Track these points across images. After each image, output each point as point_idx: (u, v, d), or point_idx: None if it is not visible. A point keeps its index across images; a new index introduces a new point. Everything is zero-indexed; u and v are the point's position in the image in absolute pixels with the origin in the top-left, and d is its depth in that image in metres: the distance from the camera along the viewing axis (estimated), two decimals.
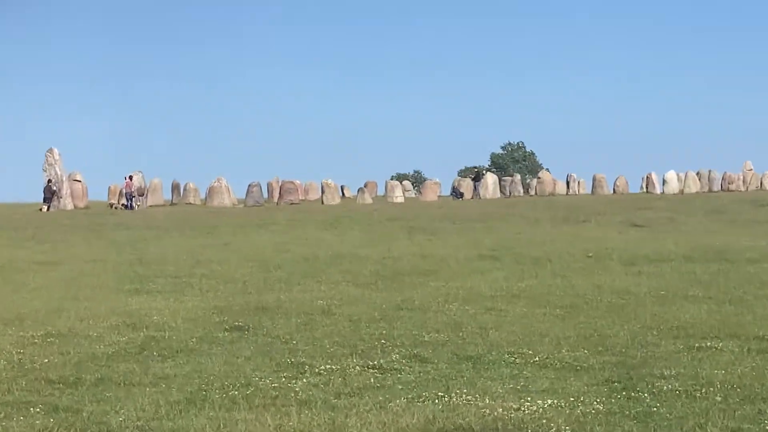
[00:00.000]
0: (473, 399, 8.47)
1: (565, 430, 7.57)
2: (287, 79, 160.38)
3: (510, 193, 58.04)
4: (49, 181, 44.75)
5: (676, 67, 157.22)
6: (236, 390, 8.91)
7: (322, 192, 51.59)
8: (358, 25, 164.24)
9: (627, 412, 8.04)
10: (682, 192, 55.80)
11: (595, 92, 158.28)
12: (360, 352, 10.64)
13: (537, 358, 10.17)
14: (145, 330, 12.21)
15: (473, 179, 57.63)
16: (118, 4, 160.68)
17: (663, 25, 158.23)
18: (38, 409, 8.28)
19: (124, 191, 47.13)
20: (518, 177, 62.80)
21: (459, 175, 77.78)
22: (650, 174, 58.59)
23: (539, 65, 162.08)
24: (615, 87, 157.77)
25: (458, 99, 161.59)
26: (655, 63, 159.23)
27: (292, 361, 10.13)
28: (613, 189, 58.69)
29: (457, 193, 56.46)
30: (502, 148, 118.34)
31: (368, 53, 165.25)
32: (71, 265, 20.47)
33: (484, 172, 68.42)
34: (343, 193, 60.11)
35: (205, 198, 50.29)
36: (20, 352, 10.74)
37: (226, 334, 11.91)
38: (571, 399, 8.48)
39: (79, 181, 47.43)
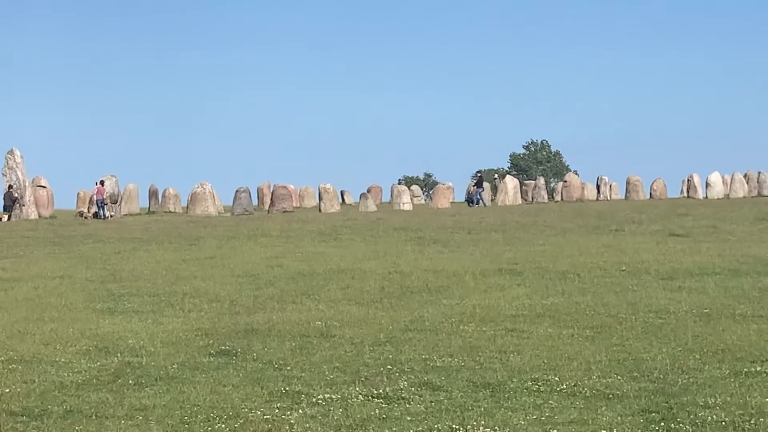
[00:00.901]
0: None
1: None
2: (279, 73, 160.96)
3: (533, 199, 58.08)
4: (10, 186, 44.80)
5: (721, 56, 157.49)
6: (223, 422, 8.93)
7: (320, 198, 51.62)
8: (361, 12, 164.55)
9: None
10: (727, 196, 55.81)
11: (629, 84, 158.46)
12: (363, 379, 10.66)
13: (564, 386, 10.19)
14: (119, 355, 12.23)
15: (475, 185, 56.81)
16: None
17: (708, 8, 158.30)
18: None
19: (94, 198, 47.16)
20: (542, 180, 62.87)
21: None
22: (692, 176, 58.63)
23: (564, 53, 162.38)
24: (651, 78, 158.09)
25: (474, 93, 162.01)
26: (698, 50, 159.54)
27: (286, 390, 10.15)
28: (650, 194, 58.72)
29: (472, 199, 56.42)
30: (524, 147, 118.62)
31: (371, 43, 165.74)
32: (35, 282, 20.50)
33: (496, 176, 68.21)
34: (343, 200, 60.19)
35: (187, 205, 50.35)
36: None
37: (212, 359, 11.94)
38: (603, 431, 8.49)
39: (44, 187, 47.50)
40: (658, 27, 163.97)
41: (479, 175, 56.75)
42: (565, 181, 61.72)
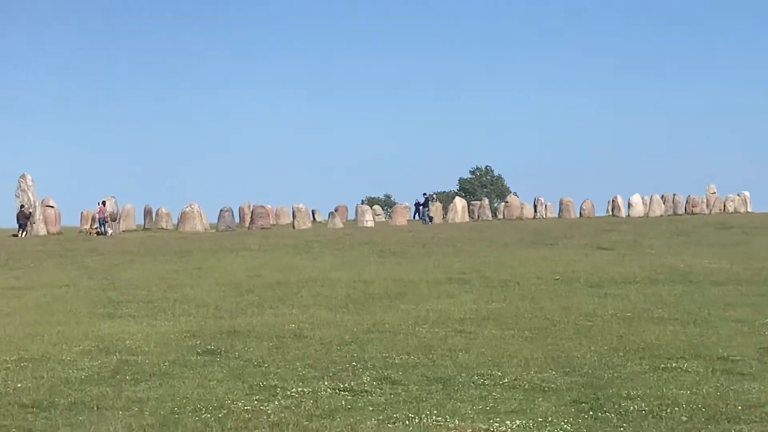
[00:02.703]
0: (443, 420, 8.48)
1: None
2: (258, 103, 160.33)
3: (479, 217, 58.15)
4: (22, 206, 44.41)
5: (640, 92, 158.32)
6: (209, 413, 8.88)
7: (293, 216, 51.46)
8: (330, 49, 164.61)
9: None
10: (647, 215, 56.17)
11: (562, 116, 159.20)
12: (331, 374, 10.63)
13: (506, 380, 10.20)
14: (117, 354, 12.15)
15: (420, 204, 55.76)
16: (89, 26, 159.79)
17: (627, 48, 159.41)
18: None
19: (97, 216, 46.83)
20: (486, 201, 62.99)
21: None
22: (616, 197, 58.91)
23: (507, 89, 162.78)
24: (582, 111, 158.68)
25: (428, 122, 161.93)
26: (621, 88, 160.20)
27: (264, 384, 10.11)
28: (580, 212, 58.95)
29: (424, 218, 56.34)
30: (471, 172, 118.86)
31: (339, 77, 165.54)
32: (44, 290, 20.34)
33: (434, 196, 67.92)
34: (314, 218, 60.02)
35: (178, 223, 50.03)
36: None
37: (199, 357, 11.87)
38: (539, 419, 8.51)
39: (52, 207, 47.08)
40: (583, 60, 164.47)
41: (425, 196, 56.39)
42: (507, 202, 61.85)
